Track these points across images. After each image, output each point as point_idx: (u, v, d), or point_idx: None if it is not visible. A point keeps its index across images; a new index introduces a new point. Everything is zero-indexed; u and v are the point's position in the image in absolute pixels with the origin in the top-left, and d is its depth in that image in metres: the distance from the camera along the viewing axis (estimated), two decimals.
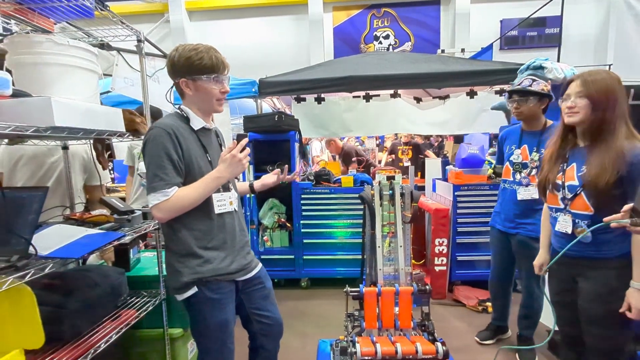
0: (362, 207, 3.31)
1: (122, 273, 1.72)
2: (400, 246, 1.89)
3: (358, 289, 1.78)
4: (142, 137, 1.83)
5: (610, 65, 5.32)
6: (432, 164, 3.82)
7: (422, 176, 3.98)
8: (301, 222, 3.40)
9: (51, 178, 1.91)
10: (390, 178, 2.01)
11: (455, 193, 3.10)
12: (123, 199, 2.80)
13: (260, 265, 1.57)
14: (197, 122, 1.36)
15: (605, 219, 1.17)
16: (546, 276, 1.71)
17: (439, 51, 7.83)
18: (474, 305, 2.93)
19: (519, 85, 2.13)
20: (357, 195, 3.33)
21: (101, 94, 1.96)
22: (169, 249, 1.38)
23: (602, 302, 1.40)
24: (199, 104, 1.35)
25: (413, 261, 2.49)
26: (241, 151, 1.29)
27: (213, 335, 1.38)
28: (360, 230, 3.39)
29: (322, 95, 3.83)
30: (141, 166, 2.87)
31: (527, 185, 2.16)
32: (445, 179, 3.39)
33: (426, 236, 3.48)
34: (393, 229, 1.94)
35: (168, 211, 1.26)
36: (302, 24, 8.77)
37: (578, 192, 1.43)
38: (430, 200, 3.50)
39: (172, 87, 1.46)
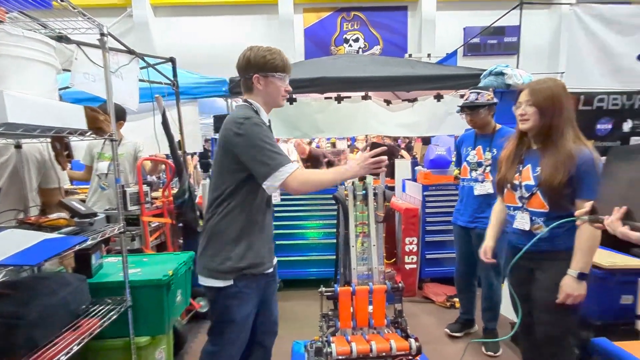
0: (334, 207, 3.37)
1: (83, 280, 1.62)
2: (374, 245, 1.92)
3: (332, 289, 1.78)
4: (106, 135, 1.74)
5: (562, 73, 5.73)
6: (402, 164, 3.93)
7: (392, 177, 4.07)
8: (273, 223, 3.36)
9: (1, 179, 1.76)
10: (362, 179, 2.04)
11: (424, 193, 3.21)
12: (84, 200, 2.64)
13: (276, 258, 1.66)
14: (264, 115, 1.45)
15: (577, 213, 1.24)
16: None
17: (406, 55, 8.07)
18: (442, 302, 3.04)
19: (467, 100, 2.38)
20: (329, 196, 3.39)
21: (60, 89, 1.83)
22: (218, 232, 1.38)
23: (554, 290, 1.49)
24: (266, 98, 1.44)
25: (385, 260, 2.56)
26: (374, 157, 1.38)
27: (236, 329, 1.43)
28: (333, 230, 3.43)
29: (294, 96, 3.82)
30: (101, 166, 2.72)
31: (482, 182, 2.36)
32: (414, 179, 3.50)
33: (396, 235, 3.57)
34: (366, 228, 1.97)
35: (304, 183, 1.32)
36: (273, 24, 8.71)
37: (534, 192, 1.53)
38: (400, 200, 3.59)
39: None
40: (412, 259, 3.18)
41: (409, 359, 1.61)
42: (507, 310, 2.53)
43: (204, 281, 1.42)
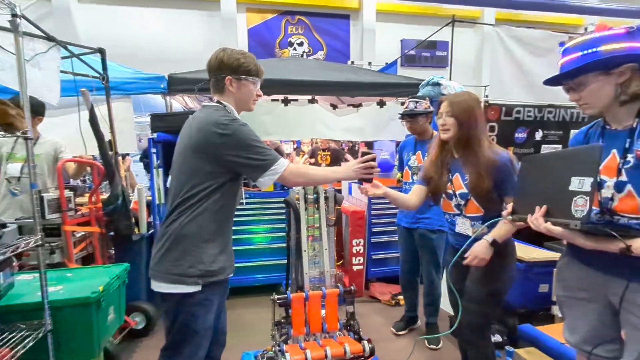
0: (281, 211, 3.34)
1: None
2: (325, 249, 1.92)
3: (285, 295, 1.74)
4: (18, 132, 1.50)
5: (486, 87, 6.38)
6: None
7: (338, 180, 4.14)
8: None
9: None
10: None
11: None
12: None
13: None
14: (236, 117, 1.41)
15: (504, 213, 1.36)
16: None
17: (349, 62, 8.31)
18: (388, 300, 3.16)
19: (407, 108, 2.53)
20: (275, 200, 3.34)
21: None
22: (186, 234, 1.29)
23: (484, 282, 1.62)
24: (238, 100, 1.43)
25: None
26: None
27: (198, 341, 1.34)
28: (280, 235, 3.38)
29: None
30: (11, 169, 2.35)
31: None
32: (360, 182, 3.58)
33: (343, 237, 3.63)
34: (316, 232, 1.96)
35: (300, 175, 1.39)
36: (214, 21, 8.37)
37: (469, 198, 1.64)
38: (347, 203, 3.66)
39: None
40: (359, 260, 3.26)
41: None
42: (446, 304, 2.72)
43: (166, 288, 1.30)
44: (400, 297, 3.05)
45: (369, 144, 4.80)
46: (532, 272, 2.49)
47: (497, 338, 2.41)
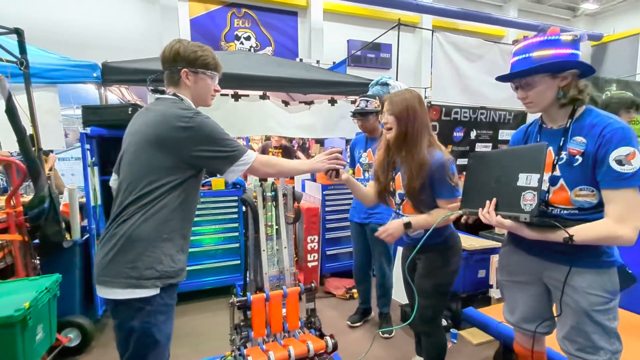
0: (232, 210, 3.21)
1: None
2: (285, 247, 1.89)
3: (245, 298, 1.67)
4: None
5: (426, 89, 6.78)
6: None
7: (292, 177, 4.12)
8: None
9: None
10: (263, 180, 2.00)
11: (324, 192, 3.34)
12: None
13: None
14: (198, 109, 1.33)
15: (451, 206, 1.44)
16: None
17: (297, 59, 8.30)
18: (342, 294, 3.22)
19: (358, 107, 2.59)
20: (227, 199, 3.21)
21: None
22: (142, 235, 1.17)
23: (429, 277, 1.70)
24: (195, 95, 1.36)
25: None
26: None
27: (159, 352, 1.24)
28: (231, 235, 3.26)
29: None
30: None
31: None
32: (313, 179, 3.60)
33: (297, 235, 3.61)
34: (269, 230, 1.92)
35: (270, 166, 1.36)
36: (153, 9, 7.78)
37: (404, 199, 1.65)
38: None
39: None
40: (314, 256, 3.27)
41: (323, 357, 1.64)
42: (397, 295, 2.85)
43: (121, 294, 1.16)
44: (354, 290, 3.12)
45: (320, 142, 4.83)
46: (472, 259, 2.72)
47: (442, 322, 2.59)
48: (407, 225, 1.58)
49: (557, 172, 1.22)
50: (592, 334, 1.18)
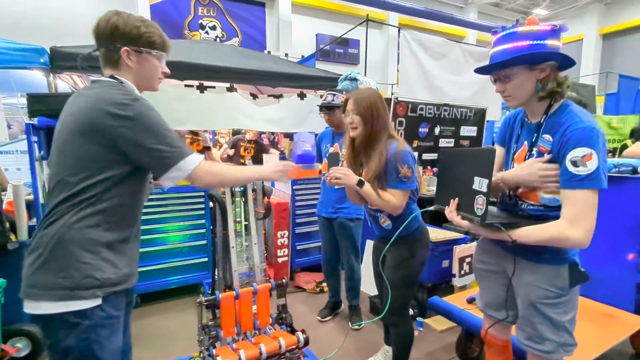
0: (197, 206, 3.10)
1: None
2: (255, 243, 1.85)
3: (214, 297, 1.62)
4: None
5: (392, 85, 6.93)
6: (269, 159, 3.94)
7: (260, 180, 4.03)
8: None
9: None
10: None
11: (293, 187, 3.31)
12: None
13: None
14: (139, 96, 1.14)
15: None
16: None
17: (265, 52, 8.14)
18: (312, 288, 3.22)
19: (325, 101, 2.57)
20: (193, 194, 3.09)
21: None
22: (75, 238, 1.02)
23: (398, 269, 1.74)
24: (139, 78, 1.19)
25: None
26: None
27: None
28: (198, 231, 3.15)
29: None
30: None
31: None
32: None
33: (266, 230, 3.57)
34: (238, 227, 1.87)
35: (215, 174, 1.18)
36: None
37: None
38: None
39: None
40: (284, 252, 3.24)
41: (295, 352, 1.63)
42: (366, 287, 2.90)
43: (51, 307, 1.00)
44: (324, 284, 3.14)
45: (289, 136, 4.78)
46: (437, 250, 2.82)
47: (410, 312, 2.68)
48: (360, 183, 1.58)
49: None
50: (539, 325, 1.24)
